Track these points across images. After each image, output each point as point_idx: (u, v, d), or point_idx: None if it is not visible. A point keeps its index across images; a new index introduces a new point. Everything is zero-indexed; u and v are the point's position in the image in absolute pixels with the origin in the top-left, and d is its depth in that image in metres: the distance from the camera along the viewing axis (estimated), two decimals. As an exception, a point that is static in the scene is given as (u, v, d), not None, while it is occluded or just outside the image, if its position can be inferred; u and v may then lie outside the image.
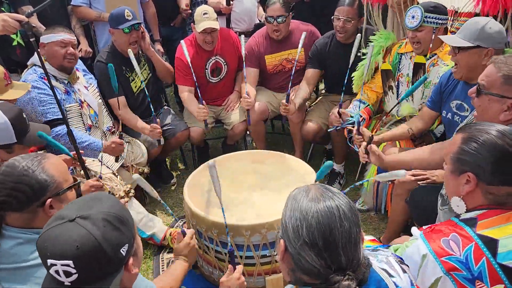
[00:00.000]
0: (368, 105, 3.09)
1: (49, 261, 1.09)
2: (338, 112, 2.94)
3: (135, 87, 3.40)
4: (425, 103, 2.66)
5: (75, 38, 2.84)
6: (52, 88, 2.28)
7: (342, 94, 2.96)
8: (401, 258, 1.33)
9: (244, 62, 3.39)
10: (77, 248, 1.08)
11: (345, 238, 1.07)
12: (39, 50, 2.74)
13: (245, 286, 1.80)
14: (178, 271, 1.89)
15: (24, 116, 2.07)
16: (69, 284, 1.10)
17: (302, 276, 1.11)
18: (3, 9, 3.19)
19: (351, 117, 2.97)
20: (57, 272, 1.09)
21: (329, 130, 3.18)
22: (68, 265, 1.08)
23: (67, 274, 1.09)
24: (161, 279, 1.82)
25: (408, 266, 1.31)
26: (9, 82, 2.36)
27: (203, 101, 3.28)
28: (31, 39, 2.17)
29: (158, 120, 3.14)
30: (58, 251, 1.09)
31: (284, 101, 3.19)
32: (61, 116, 2.72)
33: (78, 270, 1.09)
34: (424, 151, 2.28)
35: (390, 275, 1.19)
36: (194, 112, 3.37)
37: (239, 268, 1.82)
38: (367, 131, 2.66)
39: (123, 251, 1.16)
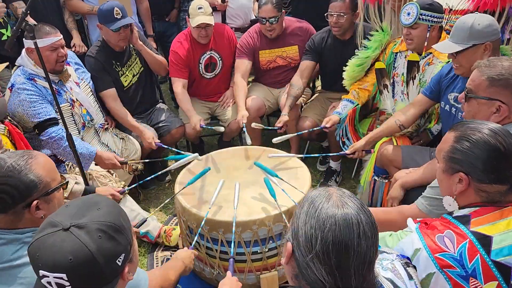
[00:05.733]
0: (357, 104, 3.09)
1: (41, 272, 1.06)
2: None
3: (126, 81, 3.36)
4: (421, 92, 2.63)
5: (61, 35, 2.76)
6: (51, 87, 2.25)
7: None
8: (408, 259, 1.31)
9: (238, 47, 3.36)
10: (70, 261, 1.04)
11: (359, 259, 1.00)
12: (27, 54, 2.71)
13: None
14: (174, 269, 1.85)
15: None
16: None
17: (306, 286, 1.05)
18: None
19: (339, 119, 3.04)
20: (49, 283, 1.06)
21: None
22: (61, 278, 1.05)
23: (60, 286, 1.06)
24: (155, 274, 1.77)
25: (415, 269, 1.29)
26: None
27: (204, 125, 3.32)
28: (34, 41, 2.13)
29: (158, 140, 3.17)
30: (50, 263, 1.05)
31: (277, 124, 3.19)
32: (53, 116, 2.70)
33: (72, 282, 1.05)
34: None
35: (396, 287, 1.16)
36: (186, 112, 3.35)
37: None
38: (356, 144, 2.76)
39: (118, 261, 1.12)
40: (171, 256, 2.84)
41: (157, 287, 1.67)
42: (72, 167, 2.81)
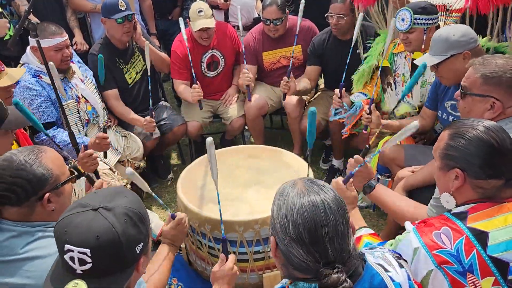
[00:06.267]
0: (369, 97, 3.06)
1: (67, 247, 1.09)
2: (340, 92, 2.96)
3: (130, 78, 3.36)
4: (424, 105, 2.66)
5: (66, 36, 2.76)
6: (53, 85, 2.26)
7: (344, 76, 2.92)
8: (399, 254, 1.33)
9: (244, 51, 3.37)
10: (97, 238, 1.09)
11: (331, 232, 1.07)
12: (32, 52, 2.72)
13: (237, 276, 1.78)
14: (165, 260, 1.85)
15: (0, 101, 1.97)
16: (81, 272, 1.10)
17: (294, 272, 1.12)
18: None
19: (352, 103, 2.99)
20: (72, 258, 1.09)
21: (330, 119, 3.18)
22: (85, 254, 1.08)
23: (82, 262, 1.09)
24: (149, 269, 1.78)
25: (406, 261, 1.31)
26: (2, 69, 2.30)
27: (197, 82, 3.26)
28: (36, 39, 2.13)
29: (154, 113, 3.10)
30: (78, 238, 1.09)
31: (285, 77, 3.16)
32: (51, 120, 2.71)
33: (94, 260, 1.09)
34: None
35: (386, 270, 1.18)
36: (189, 97, 3.35)
37: (232, 257, 1.80)
38: (376, 112, 2.68)
39: (137, 249, 1.16)
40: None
41: None
42: (71, 162, 2.81)
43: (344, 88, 2.95)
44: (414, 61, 2.47)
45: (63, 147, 2.68)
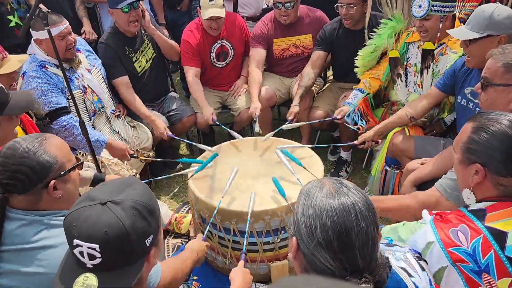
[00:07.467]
0: (368, 94, 3.06)
1: (75, 242, 1.09)
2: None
3: (139, 67, 3.37)
4: (435, 85, 2.61)
5: (67, 23, 2.76)
6: (64, 75, 2.27)
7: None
8: (419, 253, 1.31)
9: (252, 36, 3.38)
10: (105, 233, 1.08)
11: (362, 239, 1.02)
12: (37, 45, 2.74)
13: (250, 283, 1.77)
14: (187, 261, 1.85)
15: (1, 86, 1.92)
16: (91, 267, 1.10)
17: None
18: None
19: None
20: (81, 253, 1.09)
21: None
22: (94, 249, 1.08)
23: (91, 257, 1.09)
24: (168, 264, 1.77)
25: (426, 262, 1.29)
26: (4, 56, 2.32)
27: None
28: (46, 28, 2.14)
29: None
30: (86, 233, 1.08)
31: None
32: (65, 105, 2.73)
33: (103, 255, 1.09)
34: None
35: (410, 275, 1.15)
36: (196, 92, 3.38)
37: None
38: (366, 135, 2.76)
39: (147, 241, 1.15)
40: (181, 243, 2.87)
41: (169, 278, 1.68)
42: (84, 154, 2.84)
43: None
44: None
45: (77, 136, 2.70)
